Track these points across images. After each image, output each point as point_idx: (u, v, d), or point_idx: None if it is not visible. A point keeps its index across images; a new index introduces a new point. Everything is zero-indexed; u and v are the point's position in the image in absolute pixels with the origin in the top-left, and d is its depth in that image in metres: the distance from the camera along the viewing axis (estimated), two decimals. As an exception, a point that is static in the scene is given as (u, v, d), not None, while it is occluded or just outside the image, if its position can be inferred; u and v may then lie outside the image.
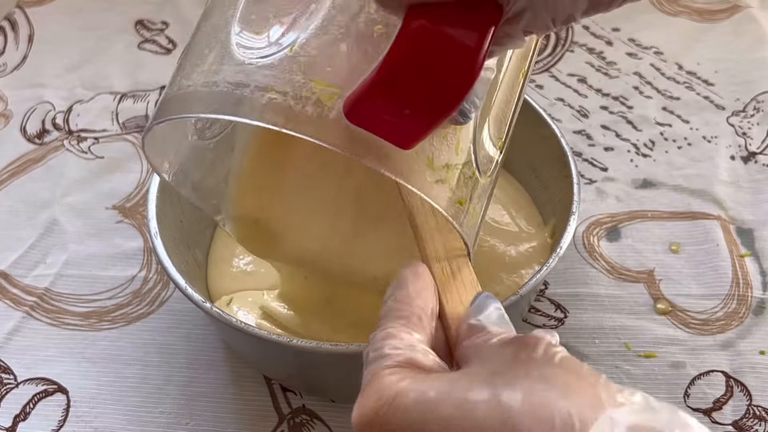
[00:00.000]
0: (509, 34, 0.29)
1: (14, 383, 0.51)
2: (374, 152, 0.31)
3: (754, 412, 0.48)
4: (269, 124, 0.31)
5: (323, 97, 0.31)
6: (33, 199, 0.63)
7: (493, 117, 0.39)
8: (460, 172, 0.35)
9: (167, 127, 0.39)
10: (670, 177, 0.61)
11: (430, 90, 0.29)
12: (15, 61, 0.76)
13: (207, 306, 0.43)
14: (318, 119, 0.31)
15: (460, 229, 0.34)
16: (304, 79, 0.31)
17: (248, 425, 0.48)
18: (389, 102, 0.29)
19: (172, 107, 0.34)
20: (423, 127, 0.30)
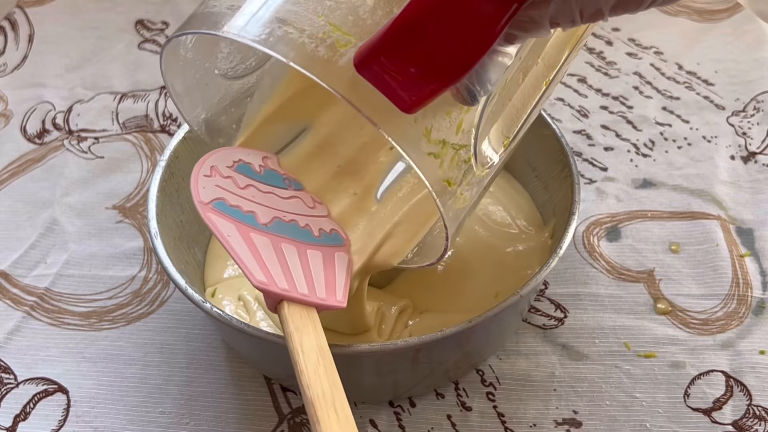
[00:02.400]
0: (534, 19, 0.29)
1: (14, 383, 0.51)
2: (374, 108, 0.31)
3: (754, 412, 0.48)
4: (279, 54, 0.31)
5: (338, 43, 0.31)
6: (33, 199, 0.63)
7: (505, 115, 0.38)
8: (456, 154, 0.35)
9: (192, 51, 0.39)
10: (670, 177, 0.61)
11: (440, 52, 0.28)
12: (15, 61, 0.76)
13: (207, 306, 0.43)
14: (327, 62, 0.31)
15: (442, 209, 0.34)
16: (324, 21, 0.32)
17: (248, 425, 0.48)
18: (397, 57, 0.29)
19: (191, 23, 0.35)
20: (426, 91, 0.29)
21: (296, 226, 0.39)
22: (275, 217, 0.39)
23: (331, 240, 0.40)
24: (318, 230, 0.40)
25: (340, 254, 0.39)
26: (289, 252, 0.37)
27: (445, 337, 0.41)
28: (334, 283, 0.38)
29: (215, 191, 0.38)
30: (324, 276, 0.38)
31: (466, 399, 0.49)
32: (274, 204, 0.40)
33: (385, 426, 0.48)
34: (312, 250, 0.38)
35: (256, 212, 0.38)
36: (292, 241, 0.38)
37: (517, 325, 0.52)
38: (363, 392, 0.49)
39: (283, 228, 0.39)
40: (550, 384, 0.49)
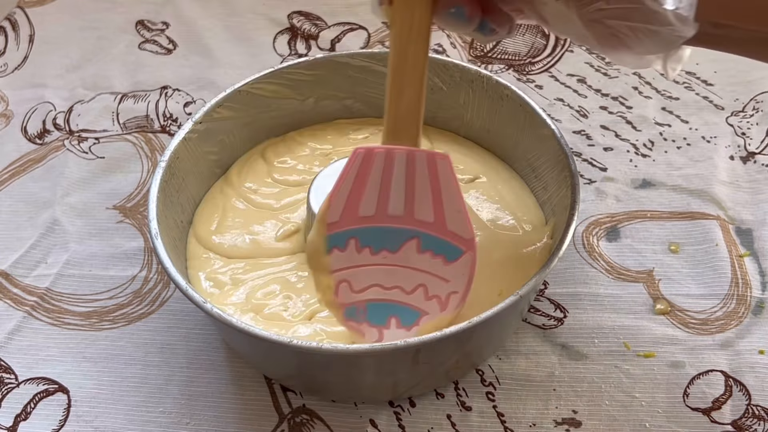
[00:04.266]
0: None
1: (15, 383, 0.51)
2: None
3: (753, 412, 0.48)
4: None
5: None
6: (34, 199, 0.63)
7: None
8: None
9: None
10: (669, 177, 0.61)
11: None
12: (16, 61, 0.76)
13: (207, 306, 0.43)
14: None
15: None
16: None
17: (248, 425, 0.48)
18: None
19: None
20: None
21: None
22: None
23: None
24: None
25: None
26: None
27: (445, 337, 0.41)
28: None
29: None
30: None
31: (466, 399, 0.49)
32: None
33: (385, 426, 0.48)
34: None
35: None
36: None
37: (517, 325, 0.52)
38: (363, 392, 0.49)
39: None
40: (549, 384, 0.50)
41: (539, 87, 0.69)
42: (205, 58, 0.75)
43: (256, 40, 0.76)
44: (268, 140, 0.60)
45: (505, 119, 0.56)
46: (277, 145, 0.60)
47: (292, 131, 0.61)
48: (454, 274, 0.44)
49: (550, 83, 0.70)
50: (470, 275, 0.44)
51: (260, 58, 0.74)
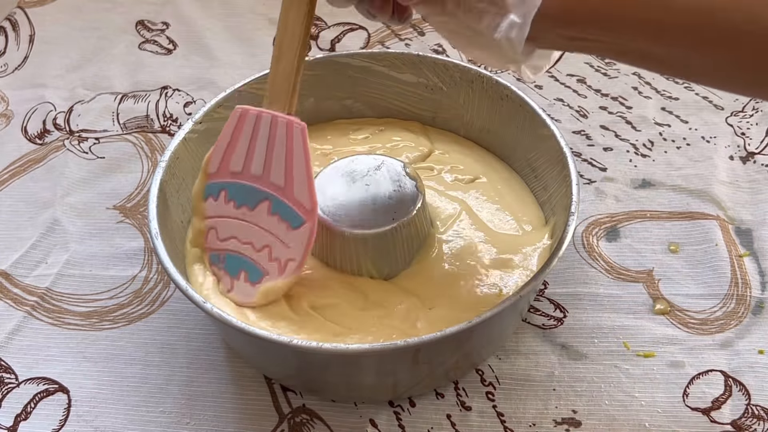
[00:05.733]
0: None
1: (15, 383, 0.51)
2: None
3: (752, 412, 0.48)
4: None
5: None
6: (34, 199, 0.63)
7: None
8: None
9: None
10: (668, 177, 0.61)
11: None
12: (16, 61, 0.76)
13: (207, 306, 0.43)
14: None
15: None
16: None
17: (249, 425, 0.49)
18: None
19: None
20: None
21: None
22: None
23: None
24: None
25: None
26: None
27: (445, 337, 0.41)
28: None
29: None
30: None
31: (466, 399, 0.49)
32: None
33: (385, 426, 0.48)
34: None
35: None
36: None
37: (517, 325, 0.52)
38: (363, 392, 0.49)
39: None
40: (549, 383, 0.50)
41: (539, 87, 0.69)
42: (205, 58, 0.75)
43: (256, 40, 0.76)
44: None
45: (505, 119, 0.56)
46: None
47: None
48: (294, 241, 0.47)
49: (550, 83, 0.70)
50: (307, 246, 0.46)
51: (260, 58, 0.74)
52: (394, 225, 0.48)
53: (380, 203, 0.49)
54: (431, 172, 0.57)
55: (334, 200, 0.49)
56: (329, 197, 0.49)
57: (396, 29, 0.76)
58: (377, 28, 0.76)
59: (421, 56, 0.58)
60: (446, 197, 0.55)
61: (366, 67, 0.59)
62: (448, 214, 0.54)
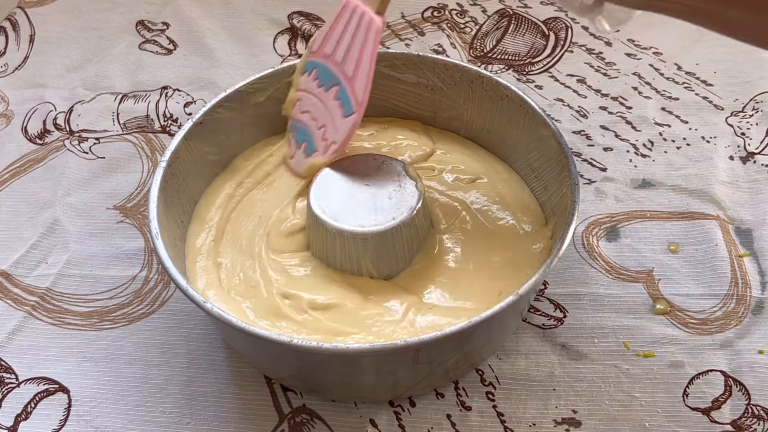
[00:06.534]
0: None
1: (15, 383, 0.51)
2: None
3: (752, 412, 0.48)
4: None
5: None
6: (34, 199, 0.63)
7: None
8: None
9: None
10: (668, 177, 0.61)
11: None
12: (16, 61, 0.76)
13: (208, 306, 0.43)
14: None
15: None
16: None
17: (249, 425, 0.49)
18: None
19: None
20: None
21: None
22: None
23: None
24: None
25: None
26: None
27: (445, 336, 0.41)
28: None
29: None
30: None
31: (466, 399, 0.49)
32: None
33: (385, 426, 0.48)
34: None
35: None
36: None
37: (517, 325, 0.52)
38: (363, 392, 0.49)
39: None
40: (549, 383, 0.50)
41: (539, 87, 0.69)
42: (205, 58, 0.75)
43: (256, 40, 0.76)
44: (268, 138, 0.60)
45: (505, 119, 0.56)
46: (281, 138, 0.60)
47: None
48: (342, 127, 0.51)
49: (550, 83, 0.70)
50: (348, 135, 0.51)
51: (260, 58, 0.74)
52: (394, 225, 0.48)
53: (380, 203, 0.49)
54: (432, 172, 0.57)
55: (334, 200, 0.49)
56: (329, 197, 0.50)
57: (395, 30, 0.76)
58: (377, 28, 0.76)
59: (421, 56, 0.58)
60: (447, 197, 0.55)
61: (366, 67, 0.59)
62: (449, 214, 0.54)
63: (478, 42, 0.74)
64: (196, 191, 0.56)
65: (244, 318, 0.47)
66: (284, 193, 0.55)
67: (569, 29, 0.75)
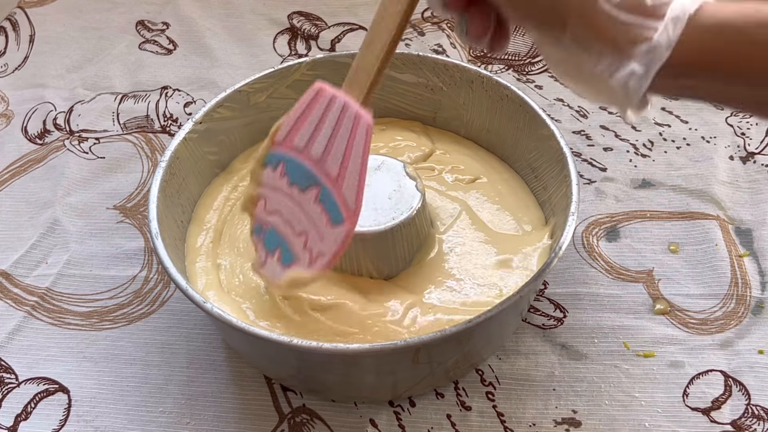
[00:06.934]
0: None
1: (15, 383, 0.51)
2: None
3: (752, 412, 0.48)
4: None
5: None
6: (34, 199, 0.63)
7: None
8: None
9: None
10: (668, 177, 0.61)
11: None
12: (16, 61, 0.76)
13: (207, 306, 0.43)
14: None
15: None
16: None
17: (249, 425, 0.49)
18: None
19: None
20: None
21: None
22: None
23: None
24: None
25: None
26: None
27: (444, 337, 0.41)
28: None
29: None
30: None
31: (466, 398, 0.49)
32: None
33: (385, 426, 0.48)
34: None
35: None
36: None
37: (517, 325, 0.52)
38: (363, 392, 0.49)
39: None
40: (549, 383, 0.50)
41: (539, 87, 0.69)
42: (205, 58, 0.75)
43: (256, 40, 0.76)
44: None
45: (505, 119, 0.56)
46: None
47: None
48: (329, 238, 0.44)
49: (550, 83, 0.70)
50: (339, 247, 0.44)
51: (260, 58, 0.74)
52: (394, 225, 0.48)
53: (380, 203, 0.49)
54: (432, 172, 0.57)
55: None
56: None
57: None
58: (377, 28, 0.76)
59: (421, 56, 0.58)
60: (446, 197, 0.55)
61: (366, 67, 0.59)
62: (449, 214, 0.54)
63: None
64: (196, 191, 0.56)
65: (245, 319, 0.47)
66: None
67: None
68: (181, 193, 0.53)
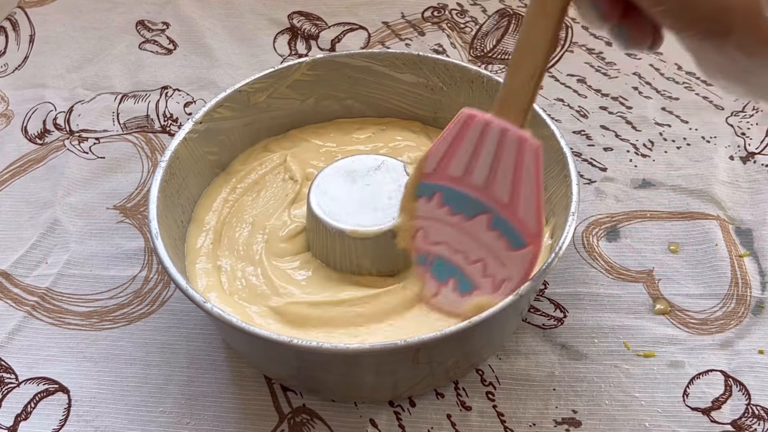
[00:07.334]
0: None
1: (15, 383, 0.51)
2: None
3: (753, 412, 0.48)
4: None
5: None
6: (34, 199, 0.63)
7: None
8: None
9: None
10: (669, 177, 0.61)
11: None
12: (16, 61, 0.76)
13: (207, 306, 0.43)
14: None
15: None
16: None
17: (249, 425, 0.49)
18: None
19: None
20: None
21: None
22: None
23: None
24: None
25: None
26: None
27: (444, 337, 0.41)
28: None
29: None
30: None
31: (466, 399, 0.49)
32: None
33: (385, 426, 0.48)
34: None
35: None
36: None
37: (517, 325, 0.52)
38: (363, 392, 0.49)
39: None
40: (549, 383, 0.50)
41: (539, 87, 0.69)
42: (205, 58, 0.75)
43: (256, 40, 0.76)
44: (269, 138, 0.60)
45: (505, 119, 0.56)
46: (280, 141, 0.60)
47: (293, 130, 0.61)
48: (512, 262, 0.44)
49: (550, 83, 0.70)
50: (528, 269, 0.44)
51: (260, 58, 0.74)
52: (394, 225, 0.48)
53: (380, 203, 0.49)
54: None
55: (334, 200, 0.49)
56: (329, 197, 0.50)
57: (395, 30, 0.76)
58: (377, 28, 0.76)
59: (421, 56, 0.58)
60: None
61: (366, 67, 0.59)
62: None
63: (478, 42, 0.74)
64: (196, 191, 0.56)
65: (248, 320, 0.47)
66: (278, 201, 0.55)
67: (570, 29, 0.75)
68: (181, 193, 0.53)
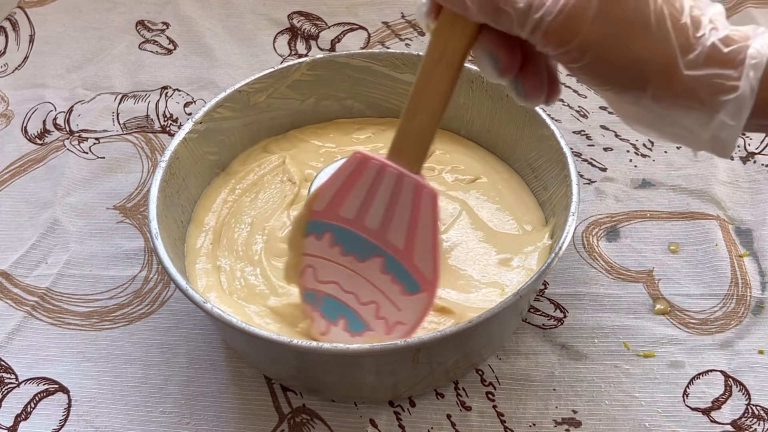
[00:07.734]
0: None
1: (15, 383, 0.51)
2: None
3: (753, 412, 0.48)
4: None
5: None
6: (34, 199, 0.63)
7: None
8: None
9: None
10: (669, 177, 0.61)
11: None
12: (16, 61, 0.76)
13: (207, 306, 0.43)
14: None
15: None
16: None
17: (249, 425, 0.49)
18: None
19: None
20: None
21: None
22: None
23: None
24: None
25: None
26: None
27: (445, 337, 0.41)
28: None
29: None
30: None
31: (466, 399, 0.49)
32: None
33: (385, 426, 0.48)
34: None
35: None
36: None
37: (517, 325, 0.52)
38: (363, 392, 0.49)
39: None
40: (549, 384, 0.50)
41: (539, 87, 0.69)
42: (205, 58, 0.75)
43: (256, 40, 0.76)
44: (268, 138, 0.60)
45: (505, 119, 0.56)
46: (279, 141, 0.60)
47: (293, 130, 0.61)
48: (407, 306, 0.44)
49: (550, 83, 0.70)
50: (422, 315, 0.44)
51: (260, 58, 0.74)
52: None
53: (380, 203, 0.49)
54: (432, 172, 0.57)
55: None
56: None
57: (395, 30, 0.76)
58: (377, 28, 0.76)
59: (421, 56, 0.58)
60: (447, 197, 0.55)
61: (366, 67, 0.59)
62: (449, 214, 0.54)
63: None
64: (196, 191, 0.56)
65: (247, 320, 0.47)
66: (276, 202, 0.55)
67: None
68: (180, 193, 0.53)
